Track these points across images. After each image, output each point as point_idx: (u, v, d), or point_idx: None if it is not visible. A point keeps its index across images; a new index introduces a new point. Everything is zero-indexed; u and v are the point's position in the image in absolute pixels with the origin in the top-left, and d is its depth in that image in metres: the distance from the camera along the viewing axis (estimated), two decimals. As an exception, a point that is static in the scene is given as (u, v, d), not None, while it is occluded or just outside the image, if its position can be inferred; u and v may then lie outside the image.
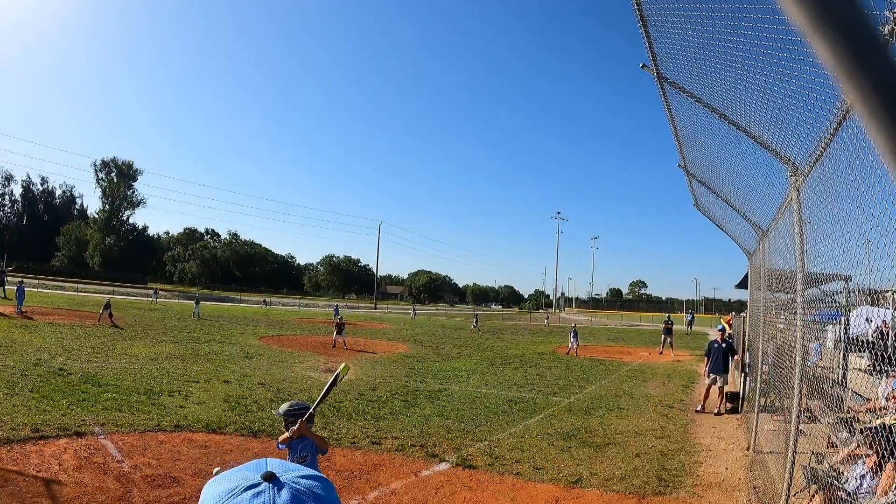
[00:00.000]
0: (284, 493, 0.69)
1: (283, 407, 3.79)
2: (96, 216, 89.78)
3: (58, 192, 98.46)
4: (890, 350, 4.51)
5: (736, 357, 10.36)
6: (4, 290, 27.51)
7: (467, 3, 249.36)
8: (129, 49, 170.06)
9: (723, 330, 11.12)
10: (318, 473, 0.77)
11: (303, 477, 0.74)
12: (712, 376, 10.66)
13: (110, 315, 20.00)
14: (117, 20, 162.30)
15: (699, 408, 10.49)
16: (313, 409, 3.65)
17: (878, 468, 3.54)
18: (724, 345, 10.72)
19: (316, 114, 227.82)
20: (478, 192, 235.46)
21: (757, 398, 7.87)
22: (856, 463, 3.96)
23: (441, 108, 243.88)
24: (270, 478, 0.72)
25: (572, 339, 20.98)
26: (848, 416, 5.07)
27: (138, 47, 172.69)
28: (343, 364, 3.94)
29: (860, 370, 5.41)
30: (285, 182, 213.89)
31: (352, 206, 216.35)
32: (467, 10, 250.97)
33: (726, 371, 10.74)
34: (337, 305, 44.09)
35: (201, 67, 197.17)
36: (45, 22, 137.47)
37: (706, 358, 10.97)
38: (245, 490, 0.69)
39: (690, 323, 41.42)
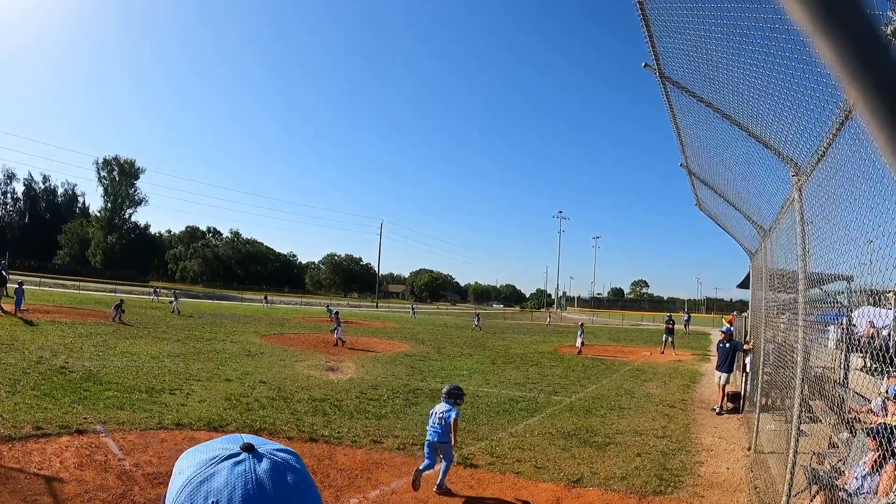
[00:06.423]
0: (264, 463, 0.72)
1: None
2: (98, 214, 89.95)
3: (60, 191, 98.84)
4: (893, 350, 4.50)
5: (746, 346, 10.48)
6: (6, 288, 27.51)
7: (468, 4, 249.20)
8: (131, 47, 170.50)
9: (728, 331, 11.15)
10: (289, 449, 0.80)
11: (278, 450, 0.78)
12: (717, 374, 10.87)
13: (120, 316, 20.07)
14: (119, 18, 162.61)
15: (717, 408, 10.55)
16: None
17: (878, 468, 3.54)
18: (727, 344, 10.81)
19: (317, 112, 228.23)
20: (480, 191, 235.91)
21: (758, 398, 7.86)
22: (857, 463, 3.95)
23: (442, 108, 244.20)
24: (249, 448, 0.74)
25: (580, 337, 21.25)
26: (849, 416, 5.05)
27: (140, 46, 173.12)
28: None
29: (861, 370, 5.40)
30: (287, 180, 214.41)
31: (354, 205, 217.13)
32: (468, 12, 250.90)
33: (731, 370, 10.82)
34: (328, 304, 44.61)
35: (203, 66, 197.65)
36: (46, 19, 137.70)
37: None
38: (225, 459, 0.72)
39: (687, 323, 41.39)
